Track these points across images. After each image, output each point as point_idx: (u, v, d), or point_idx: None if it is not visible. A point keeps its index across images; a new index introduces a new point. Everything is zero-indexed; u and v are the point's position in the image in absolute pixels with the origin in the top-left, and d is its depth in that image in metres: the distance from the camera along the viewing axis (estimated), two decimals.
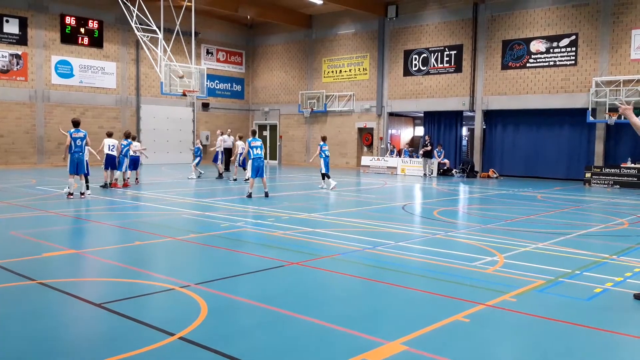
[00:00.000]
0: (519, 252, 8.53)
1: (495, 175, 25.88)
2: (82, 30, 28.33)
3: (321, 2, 27.41)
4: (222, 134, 23.58)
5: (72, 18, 27.91)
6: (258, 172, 15.54)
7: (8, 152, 26.03)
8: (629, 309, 5.89)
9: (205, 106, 33.75)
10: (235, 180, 20.79)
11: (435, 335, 4.86)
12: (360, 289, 6.59)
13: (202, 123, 33.80)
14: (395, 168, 27.12)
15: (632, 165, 21.87)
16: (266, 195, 15.61)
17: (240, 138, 21.29)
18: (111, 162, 17.11)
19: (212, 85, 33.47)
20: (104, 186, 17.14)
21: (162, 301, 5.90)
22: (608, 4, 23.04)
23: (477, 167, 26.66)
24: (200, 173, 22.05)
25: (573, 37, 23.94)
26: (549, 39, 24.54)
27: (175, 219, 11.66)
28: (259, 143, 15.74)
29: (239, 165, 20.81)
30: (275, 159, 35.28)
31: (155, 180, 20.92)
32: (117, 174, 17.53)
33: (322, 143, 19.03)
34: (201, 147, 22.75)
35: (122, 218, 11.60)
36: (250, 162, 15.93)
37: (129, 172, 18.22)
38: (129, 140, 18.00)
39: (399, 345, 4.54)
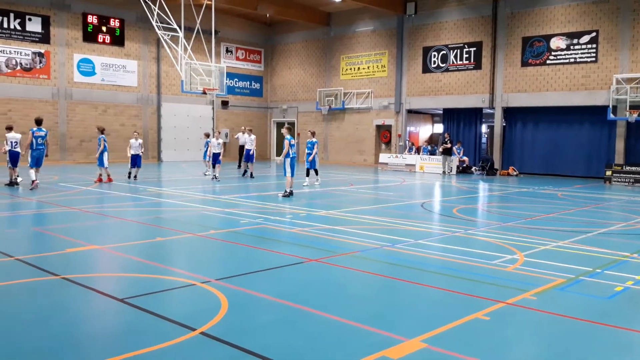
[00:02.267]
0: (540, 250, 8.48)
1: (515, 173, 25.68)
2: (104, 28, 28.64)
3: None
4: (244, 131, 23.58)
5: (94, 17, 28.23)
6: (293, 170, 15.23)
7: None
8: None
9: (225, 104, 33.94)
10: (252, 177, 20.92)
11: (455, 333, 4.87)
12: (380, 286, 6.61)
13: (222, 121, 34.00)
14: (414, 165, 27.03)
15: None
16: (291, 193, 15.19)
17: (251, 131, 22.01)
18: (13, 159, 16.08)
19: (231, 83, 33.63)
20: (10, 184, 16.19)
21: (183, 296, 5.97)
22: (629, 0, 22.72)
23: (496, 165, 26.47)
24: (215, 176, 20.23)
25: (593, 34, 23.64)
26: (570, 35, 24.26)
27: (195, 215, 11.77)
28: (293, 142, 15.45)
29: (245, 160, 21.55)
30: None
31: (175, 177, 21.10)
32: (102, 169, 17.91)
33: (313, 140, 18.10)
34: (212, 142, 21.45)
35: (143, 215, 11.73)
36: (288, 160, 15.23)
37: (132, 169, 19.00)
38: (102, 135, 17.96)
39: (419, 343, 4.56)
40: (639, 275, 6.98)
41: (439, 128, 32.28)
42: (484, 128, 30.25)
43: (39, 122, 16.39)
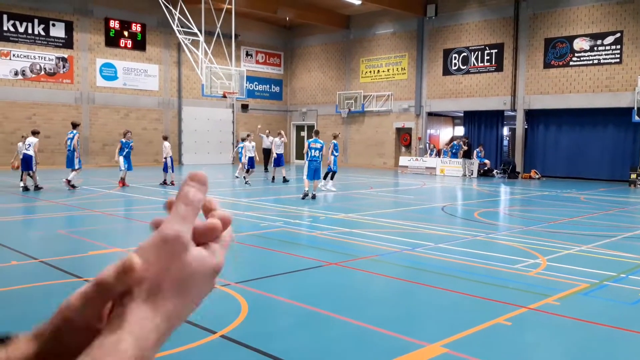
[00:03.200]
0: (562, 255, 8.37)
1: (537, 176, 25.40)
2: (126, 33, 28.97)
3: (359, 2, 27.39)
4: (278, 134, 22.31)
5: (116, 22, 28.58)
6: (315, 173, 15.11)
7: (55, 152, 26.80)
8: None
9: (245, 107, 34.10)
10: (273, 180, 20.89)
11: (476, 338, 4.82)
12: (400, 290, 6.58)
13: (242, 124, 34.16)
14: (434, 168, 26.87)
15: None
16: (313, 197, 15.13)
17: (279, 134, 21.16)
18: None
19: (251, 86, 33.79)
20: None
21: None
22: None
23: (518, 168, 26.20)
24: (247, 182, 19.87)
25: (618, 35, 23.29)
26: (593, 36, 23.94)
27: None
28: (318, 145, 15.35)
29: (275, 165, 20.85)
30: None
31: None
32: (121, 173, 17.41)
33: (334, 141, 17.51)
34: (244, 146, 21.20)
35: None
36: (307, 163, 15.36)
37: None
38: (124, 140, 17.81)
39: (440, 348, 4.52)
40: None
41: (459, 131, 32.08)
42: (505, 130, 29.97)
43: (72, 125, 17.29)
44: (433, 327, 5.14)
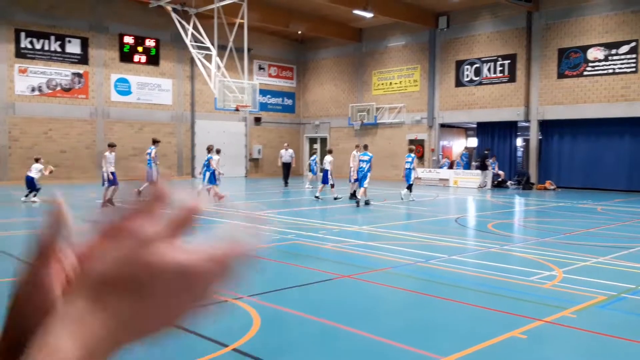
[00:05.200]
0: (579, 267, 8.25)
1: (552, 187, 25.15)
2: (140, 49, 29.28)
3: (371, 15, 27.48)
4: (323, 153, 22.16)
5: (131, 37, 28.91)
6: (361, 181, 17.21)
7: (70, 167, 27.06)
8: None
9: (258, 120, 34.24)
10: (336, 198, 18.54)
11: (491, 351, 4.75)
12: (413, 303, 6.51)
13: (255, 137, 34.29)
14: (448, 180, 26.73)
15: None
16: (357, 204, 16.85)
17: (330, 152, 21.03)
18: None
19: (264, 100, 33.92)
20: None
21: (215, 312, 5.98)
22: None
23: (533, 179, 25.97)
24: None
25: (633, 44, 23.11)
26: (607, 46, 23.78)
27: (226, 231, 11.83)
28: (365, 157, 17.47)
29: (352, 181, 18.60)
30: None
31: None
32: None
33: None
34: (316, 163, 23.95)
35: None
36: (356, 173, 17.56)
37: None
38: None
39: None
40: None
41: (472, 142, 31.94)
42: (519, 141, 29.78)
43: (152, 141, 18.65)
44: (447, 340, 5.07)
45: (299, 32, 32.95)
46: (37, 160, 17.39)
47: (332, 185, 19.05)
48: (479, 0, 25.85)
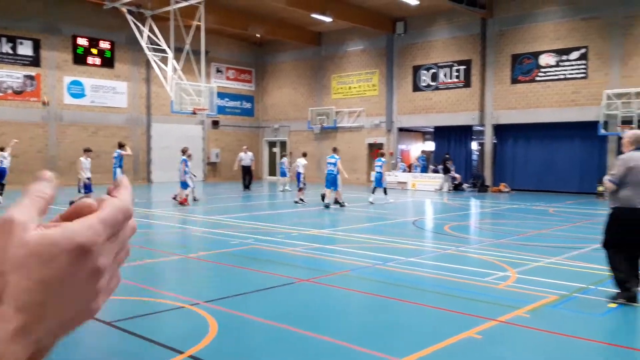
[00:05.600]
0: (532, 267, 8.43)
1: (506, 190, 25.71)
2: (94, 50, 28.65)
3: (330, 19, 27.59)
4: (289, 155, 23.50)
5: (84, 39, 28.26)
6: (331, 184, 17.82)
7: (22, 172, 26.22)
8: None
9: (215, 124, 33.92)
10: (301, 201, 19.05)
11: (447, 352, 4.79)
12: (371, 305, 6.53)
13: (212, 141, 33.96)
14: (406, 183, 27.03)
15: None
16: (341, 205, 17.56)
17: (304, 155, 21.58)
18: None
19: (222, 103, 33.63)
20: None
21: (171, 319, 5.87)
22: (618, 16, 22.97)
23: (488, 182, 26.50)
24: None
25: (583, 50, 23.86)
26: (559, 52, 24.48)
27: (185, 236, 11.66)
28: (332, 160, 18.01)
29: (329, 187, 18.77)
30: (286, 176, 35.27)
31: (165, 199, 20.97)
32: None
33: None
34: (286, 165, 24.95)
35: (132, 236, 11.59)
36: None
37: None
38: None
39: None
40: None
41: (430, 146, 32.40)
42: (474, 145, 30.36)
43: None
44: (404, 341, 5.10)
45: (258, 35, 32.83)
46: (1, 150, 16.93)
47: (301, 189, 19.27)
48: (435, 6, 26.22)
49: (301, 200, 18.83)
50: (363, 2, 26.87)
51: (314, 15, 27.16)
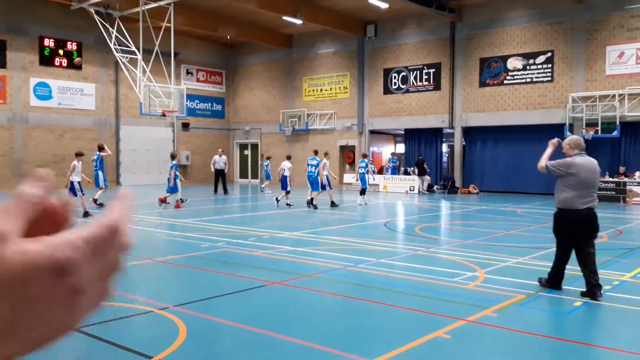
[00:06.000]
0: (500, 267, 8.55)
1: (475, 191, 26.05)
2: (61, 52, 28.13)
3: (300, 21, 27.62)
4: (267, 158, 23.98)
5: (51, 40, 27.74)
6: (312, 186, 18.16)
7: None
8: (610, 322, 5.92)
9: (186, 126, 33.61)
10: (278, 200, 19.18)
11: (416, 352, 4.83)
12: (342, 307, 6.55)
13: (183, 143, 33.64)
14: (377, 185, 27.19)
15: (610, 179, 22.17)
16: (310, 203, 17.91)
17: (288, 158, 21.02)
18: None
19: (192, 105, 33.38)
20: None
21: (139, 324, 5.80)
22: (583, 21, 23.50)
23: (457, 183, 26.82)
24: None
25: (549, 54, 24.34)
26: (525, 56, 24.92)
27: (154, 240, 11.53)
28: (314, 162, 18.49)
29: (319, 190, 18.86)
30: (257, 178, 35.19)
31: (135, 202, 20.70)
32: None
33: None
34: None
35: None
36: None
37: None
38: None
39: None
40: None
41: (401, 148, 32.66)
42: (444, 147, 30.71)
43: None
44: (375, 342, 5.12)
45: (228, 37, 32.67)
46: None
47: (288, 192, 19.09)
48: (405, 10, 26.45)
49: (287, 204, 18.55)
50: (334, 5, 26.94)
51: (285, 18, 27.15)
